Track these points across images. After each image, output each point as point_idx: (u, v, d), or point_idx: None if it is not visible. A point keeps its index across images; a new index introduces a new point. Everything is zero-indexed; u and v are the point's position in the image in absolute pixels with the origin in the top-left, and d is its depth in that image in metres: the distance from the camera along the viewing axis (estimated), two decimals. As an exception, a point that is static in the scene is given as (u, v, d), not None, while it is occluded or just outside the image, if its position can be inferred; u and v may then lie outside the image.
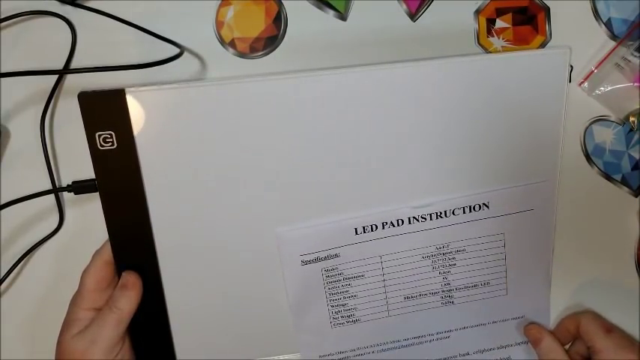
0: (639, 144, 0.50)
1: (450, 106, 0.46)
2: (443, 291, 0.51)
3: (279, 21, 0.47)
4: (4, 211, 0.45)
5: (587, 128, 0.50)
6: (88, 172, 0.43)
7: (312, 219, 0.47)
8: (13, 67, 0.46)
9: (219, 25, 0.47)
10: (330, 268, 0.49)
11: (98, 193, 0.43)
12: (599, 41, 0.49)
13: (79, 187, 0.44)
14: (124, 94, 0.42)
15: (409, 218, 0.48)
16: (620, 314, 0.52)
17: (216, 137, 0.44)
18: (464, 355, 0.54)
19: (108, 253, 0.45)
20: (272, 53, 0.47)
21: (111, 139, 0.42)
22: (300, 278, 0.48)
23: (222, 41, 0.47)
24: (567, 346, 0.52)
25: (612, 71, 0.48)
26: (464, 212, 0.49)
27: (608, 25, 0.48)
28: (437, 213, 0.48)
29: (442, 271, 0.50)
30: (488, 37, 0.48)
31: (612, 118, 0.50)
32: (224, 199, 0.45)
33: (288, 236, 0.47)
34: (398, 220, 0.48)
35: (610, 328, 0.48)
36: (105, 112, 0.42)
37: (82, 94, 0.41)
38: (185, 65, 0.47)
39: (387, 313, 0.51)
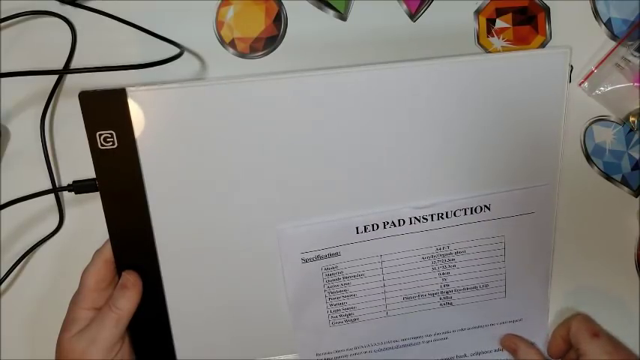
0: (639, 144, 0.50)
1: (450, 106, 0.46)
2: (442, 292, 0.51)
3: (279, 21, 0.47)
4: (4, 211, 0.45)
5: (587, 128, 0.50)
6: (87, 172, 0.43)
7: (314, 217, 0.47)
8: (13, 67, 0.46)
9: (219, 25, 0.47)
10: (330, 267, 0.49)
11: (98, 192, 0.43)
12: (599, 41, 0.49)
13: (80, 187, 0.44)
14: (125, 94, 0.42)
15: (410, 218, 0.48)
16: (619, 314, 0.52)
17: (216, 137, 0.44)
18: (461, 356, 0.54)
19: (108, 252, 0.45)
20: (272, 53, 0.47)
21: (111, 139, 0.42)
22: (300, 276, 0.48)
23: (222, 41, 0.47)
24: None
25: (612, 71, 0.48)
26: (465, 214, 0.49)
27: (608, 25, 0.48)
28: (438, 214, 0.48)
29: (442, 272, 0.50)
30: (488, 37, 0.48)
31: (612, 118, 0.50)
32: (225, 198, 0.45)
33: (289, 234, 0.47)
34: (399, 220, 0.48)
35: (597, 333, 0.48)
36: (106, 111, 0.42)
37: (82, 94, 0.41)
38: (185, 65, 0.47)
39: (385, 313, 0.51)
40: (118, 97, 0.42)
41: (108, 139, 0.42)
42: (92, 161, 0.42)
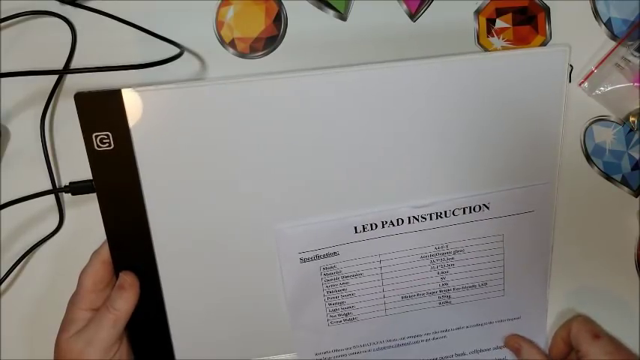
0: (639, 144, 0.50)
1: (450, 106, 0.46)
2: (440, 291, 0.51)
3: (279, 21, 0.47)
4: (4, 211, 0.45)
5: (587, 128, 0.50)
6: (88, 173, 0.43)
7: (312, 217, 0.47)
8: (13, 67, 0.46)
9: (219, 25, 0.47)
10: (329, 266, 0.49)
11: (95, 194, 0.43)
12: (599, 41, 0.48)
13: (76, 188, 0.45)
14: (121, 95, 0.42)
15: (409, 218, 0.48)
16: (619, 315, 0.52)
17: (214, 137, 0.44)
18: (460, 355, 0.54)
19: (106, 253, 0.45)
20: (272, 53, 0.47)
21: (108, 140, 0.42)
22: (298, 276, 0.48)
23: (222, 41, 0.47)
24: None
25: (612, 71, 0.48)
26: (464, 213, 0.49)
27: (608, 25, 0.48)
28: (437, 213, 0.48)
29: (440, 271, 0.50)
30: (488, 37, 0.48)
31: (612, 118, 0.50)
32: (222, 199, 0.45)
33: (287, 233, 0.47)
34: (398, 220, 0.48)
35: (598, 334, 0.48)
36: (101, 112, 0.42)
37: (78, 95, 0.41)
38: (185, 65, 0.47)
39: (384, 312, 0.51)
40: (114, 98, 0.42)
41: (104, 141, 0.42)
42: (88, 163, 0.42)
